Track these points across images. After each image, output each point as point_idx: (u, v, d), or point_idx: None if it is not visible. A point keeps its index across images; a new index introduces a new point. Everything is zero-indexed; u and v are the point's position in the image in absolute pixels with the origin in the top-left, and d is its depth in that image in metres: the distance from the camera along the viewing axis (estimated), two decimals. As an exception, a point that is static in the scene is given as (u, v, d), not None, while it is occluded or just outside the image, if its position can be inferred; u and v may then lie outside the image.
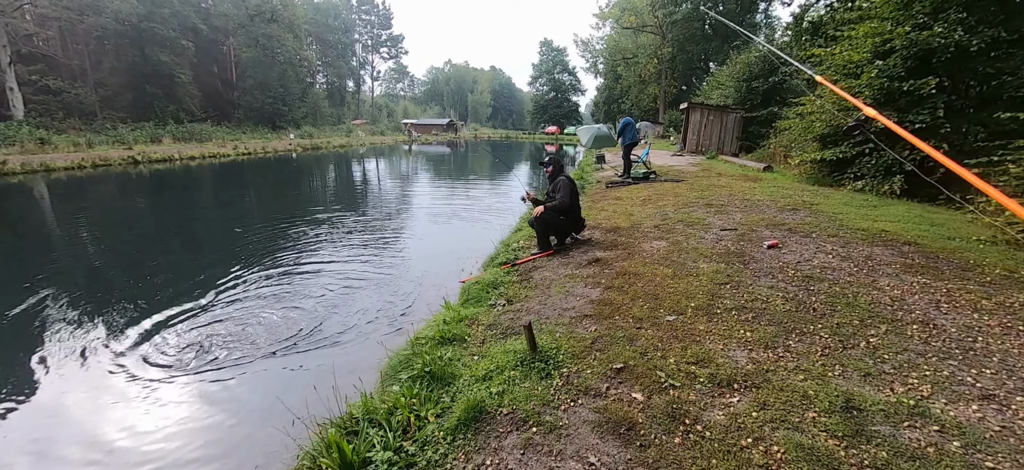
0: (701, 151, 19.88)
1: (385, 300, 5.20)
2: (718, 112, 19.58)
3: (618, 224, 6.22)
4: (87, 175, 16.23)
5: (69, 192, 13.28)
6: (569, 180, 5.30)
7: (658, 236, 5.45)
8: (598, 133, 14.71)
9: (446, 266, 6.33)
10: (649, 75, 43.37)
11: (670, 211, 6.82)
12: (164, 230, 8.98)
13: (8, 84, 26.85)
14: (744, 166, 14.10)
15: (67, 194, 13.00)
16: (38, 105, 28.98)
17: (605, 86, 56.91)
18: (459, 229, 8.90)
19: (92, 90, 33.35)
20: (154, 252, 7.23)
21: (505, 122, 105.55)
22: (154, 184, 15.14)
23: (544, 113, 70.61)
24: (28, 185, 13.88)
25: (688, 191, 8.71)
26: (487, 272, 5.22)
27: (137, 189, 14.21)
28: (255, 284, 5.58)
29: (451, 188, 15.43)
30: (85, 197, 12.74)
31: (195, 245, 7.91)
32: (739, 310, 3.27)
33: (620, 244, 5.26)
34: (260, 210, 11.15)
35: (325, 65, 62.70)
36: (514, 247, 6.03)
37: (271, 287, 5.50)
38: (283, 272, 6.06)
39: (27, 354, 3.96)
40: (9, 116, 26.31)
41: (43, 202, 11.78)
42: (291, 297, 5.19)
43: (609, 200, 8.29)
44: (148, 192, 13.70)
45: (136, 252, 7.23)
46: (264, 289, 5.43)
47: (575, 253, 5.19)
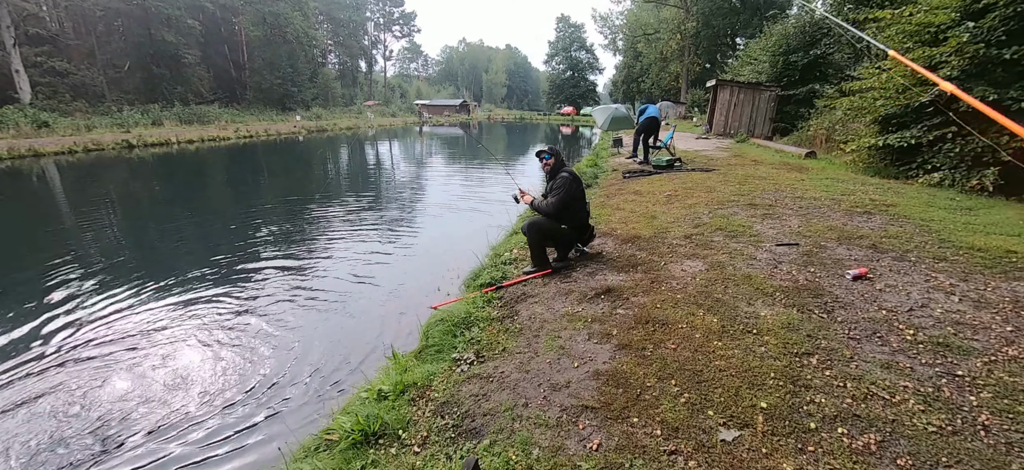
0: (729, 133, 18.11)
1: (341, 337, 4.03)
2: (750, 90, 17.71)
3: (638, 231, 4.90)
4: (78, 160, 15.53)
5: (40, 181, 12.51)
6: (572, 176, 4.03)
7: (691, 252, 4.13)
8: (615, 114, 13.19)
9: (428, 276, 5.16)
10: (671, 52, 40.88)
11: (704, 213, 5.45)
12: (86, 229, 8.00)
13: (14, 66, 26.43)
14: (782, 152, 12.44)
15: (39, 183, 12.24)
16: (45, 87, 28.56)
17: (624, 64, 54.35)
18: (452, 225, 7.70)
19: (100, 71, 32.87)
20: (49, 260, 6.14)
21: (520, 103, 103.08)
22: (136, 171, 14.31)
23: (560, 93, 68.23)
24: (10, 171, 13.20)
25: (722, 184, 7.28)
26: (464, 297, 4.01)
27: (115, 177, 13.38)
28: (152, 316, 4.48)
29: (451, 175, 14.18)
30: (49, 187, 11.94)
31: (110, 249, 6.89)
32: (845, 421, 1.95)
33: (640, 264, 3.96)
34: (229, 203, 10.12)
35: (337, 45, 61.47)
36: (505, 259, 4.78)
37: (196, 317, 4.40)
38: (224, 294, 4.96)
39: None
40: (16, 98, 25.99)
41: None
42: (230, 338, 4.04)
43: (626, 195, 6.94)
44: (122, 180, 12.84)
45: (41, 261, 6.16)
46: (191, 321, 4.32)
47: (580, 274, 3.92)
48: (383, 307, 4.52)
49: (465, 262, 5.27)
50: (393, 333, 4.00)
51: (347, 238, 6.88)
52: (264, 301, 4.64)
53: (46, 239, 6.86)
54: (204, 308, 4.48)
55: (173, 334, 3.99)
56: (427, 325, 3.45)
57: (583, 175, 9.06)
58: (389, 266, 5.65)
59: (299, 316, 4.34)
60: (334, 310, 4.46)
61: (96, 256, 6.10)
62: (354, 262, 5.75)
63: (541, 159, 4.17)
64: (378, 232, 7.24)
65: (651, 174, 8.78)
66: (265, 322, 4.20)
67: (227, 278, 5.25)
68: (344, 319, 4.31)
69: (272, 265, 5.64)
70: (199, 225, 7.91)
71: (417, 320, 3.78)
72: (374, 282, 5.11)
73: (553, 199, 3.94)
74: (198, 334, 3.98)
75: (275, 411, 2.98)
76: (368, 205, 9.45)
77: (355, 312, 4.44)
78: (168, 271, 5.43)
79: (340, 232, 7.22)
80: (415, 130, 39.19)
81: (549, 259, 4.21)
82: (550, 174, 4.17)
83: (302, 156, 19.32)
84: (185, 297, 4.74)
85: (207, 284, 5.06)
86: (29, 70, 27.46)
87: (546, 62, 74.04)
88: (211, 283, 5.09)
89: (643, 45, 45.74)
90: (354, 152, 21.60)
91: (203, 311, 4.41)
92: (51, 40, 31.33)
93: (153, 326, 4.12)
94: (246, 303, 4.59)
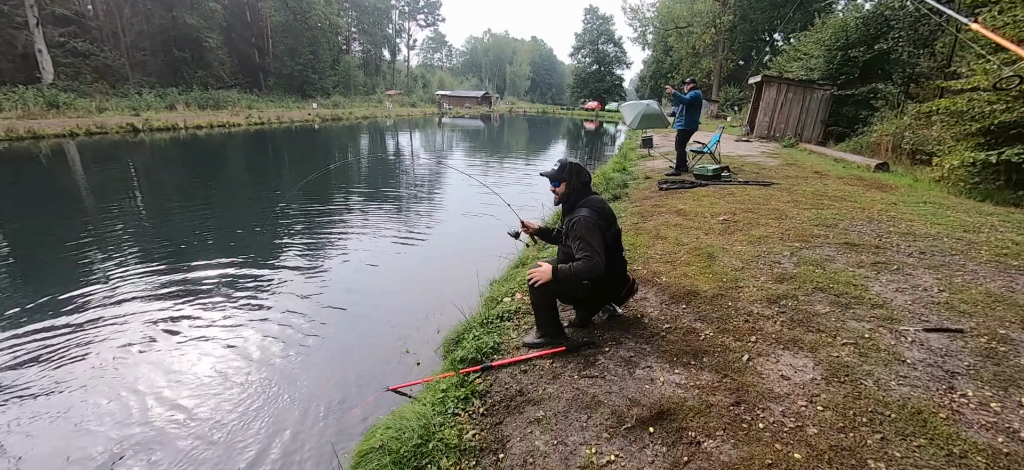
0: (774, 136, 16.24)
1: (261, 423, 2.76)
2: (800, 88, 15.78)
3: (693, 280, 3.46)
4: (77, 144, 14.86)
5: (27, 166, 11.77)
6: (596, 212, 2.56)
7: (787, 334, 2.68)
8: (646, 111, 11.56)
9: (407, 314, 3.85)
10: (704, 47, 38.53)
11: (782, 252, 3.96)
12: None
13: (37, 45, 26.34)
14: (844, 161, 10.66)
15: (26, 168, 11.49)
16: (68, 68, 28.46)
17: (653, 59, 51.91)
18: (450, 238, 6.36)
19: (124, 53, 32.79)
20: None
21: (544, 96, 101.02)
22: (126, 156, 13.50)
23: (585, 87, 65.97)
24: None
25: (790, 205, 5.72)
26: (434, 379, 2.69)
27: (99, 163, 12.56)
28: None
29: (463, 172, 12.84)
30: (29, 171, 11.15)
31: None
32: None
33: (707, 350, 2.55)
34: (202, 201, 9.02)
35: (361, 32, 60.85)
36: (503, 309, 3.41)
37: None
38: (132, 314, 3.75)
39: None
40: (38, 78, 25.93)
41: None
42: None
43: (666, 215, 5.47)
44: (100, 168, 11.99)
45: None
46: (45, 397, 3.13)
47: (610, 361, 2.54)
48: (332, 372, 3.22)
49: (459, 291, 3.96)
50: (333, 426, 2.70)
51: (322, 252, 5.63)
52: (205, 361, 3.41)
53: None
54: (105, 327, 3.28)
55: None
56: (360, 453, 2.13)
57: (609, 185, 7.59)
58: (360, 299, 4.36)
59: (214, 372, 3.09)
60: (270, 364, 3.20)
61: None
62: (320, 291, 4.49)
63: (550, 180, 2.75)
64: (359, 246, 5.97)
65: (693, 185, 7.25)
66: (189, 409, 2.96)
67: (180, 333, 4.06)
68: (279, 388, 3.03)
69: (235, 308, 4.43)
70: (138, 223, 6.82)
71: (363, 413, 2.47)
72: (347, 332, 3.82)
73: (579, 263, 2.46)
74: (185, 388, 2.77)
75: None
76: (358, 207, 8.21)
77: (298, 375, 3.16)
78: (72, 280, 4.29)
79: (314, 241, 5.98)
80: (434, 121, 38.06)
81: (563, 327, 2.83)
82: (564, 206, 2.76)
83: (307, 146, 18.33)
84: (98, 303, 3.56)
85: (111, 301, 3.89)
86: (53, 50, 27.36)
87: (572, 55, 71.75)
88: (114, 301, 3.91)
89: (674, 39, 43.36)
90: (364, 143, 20.51)
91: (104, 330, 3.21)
92: (76, 21, 31.28)
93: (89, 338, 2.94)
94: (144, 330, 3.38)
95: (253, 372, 3.23)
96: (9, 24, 26.68)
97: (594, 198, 2.66)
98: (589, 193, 2.69)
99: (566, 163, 2.67)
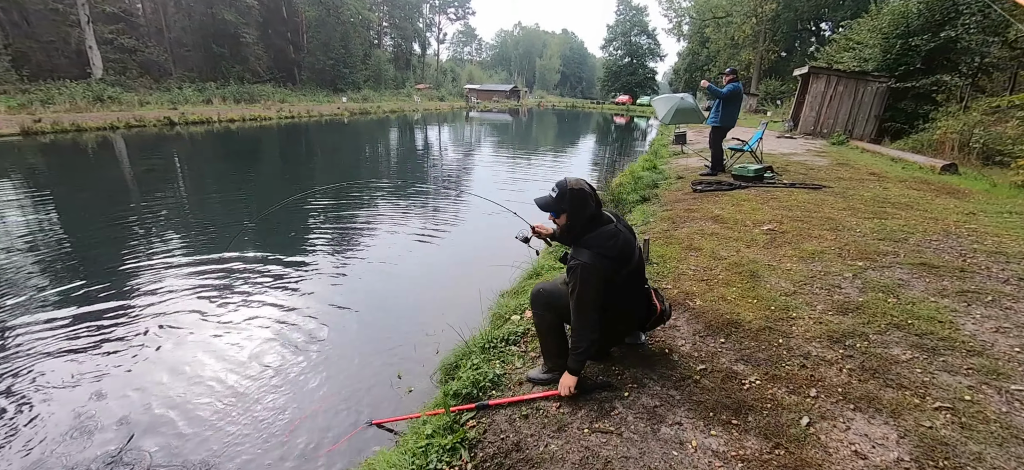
0: (821, 132, 15.06)
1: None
2: (852, 80, 14.51)
3: (733, 305, 2.94)
4: (118, 136, 15.40)
5: (61, 157, 12.21)
6: (602, 256, 1.99)
7: (856, 388, 2.13)
8: (680, 105, 10.74)
9: (400, 345, 3.49)
10: (744, 37, 36.61)
11: (842, 274, 3.35)
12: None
13: (87, 42, 27.70)
14: (902, 160, 9.63)
15: (58, 158, 11.92)
16: (116, 63, 29.85)
17: (688, 51, 49.93)
18: (459, 249, 5.95)
19: (167, 49, 34.15)
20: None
21: (574, 90, 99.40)
22: (159, 149, 13.84)
23: (616, 80, 64.26)
24: (41, 146, 13.10)
25: (847, 213, 5.02)
26: (422, 418, 2.31)
27: (134, 154, 12.89)
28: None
29: (486, 169, 12.47)
30: (62, 162, 11.52)
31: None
32: None
33: (752, 404, 2.05)
34: (206, 196, 8.98)
35: (392, 26, 61.42)
36: (511, 330, 2.99)
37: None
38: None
39: None
40: (89, 74, 27.29)
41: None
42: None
43: (701, 221, 4.89)
44: (124, 162, 12.28)
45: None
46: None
47: (629, 412, 2.09)
48: (316, 398, 2.89)
49: (463, 305, 3.58)
50: (311, 463, 2.36)
51: (322, 253, 5.36)
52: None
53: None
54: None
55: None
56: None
57: (638, 185, 7.00)
58: (357, 309, 4.03)
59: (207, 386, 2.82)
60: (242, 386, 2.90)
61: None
62: (314, 298, 4.20)
63: (548, 211, 2.18)
64: (359, 249, 5.68)
65: (731, 187, 6.58)
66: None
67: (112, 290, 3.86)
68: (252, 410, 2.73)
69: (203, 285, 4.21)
70: (149, 214, 6.76)
71: (345, 448, 2.11)
72: (319, 347, 3.50)
73: (573, 341, 2.07)
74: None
75: None
76: (363, 207, 7.96)
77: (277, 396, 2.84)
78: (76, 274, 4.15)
79: (316, 242, 5.73)
80: (462, 114, 37.90)
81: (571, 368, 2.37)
82: (569, 235, 2.15)
83: (333, 139, 18.41)
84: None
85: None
86: (102, 47, 28.72)
87: (603, 47, 70.02)
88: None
89: (711, 30, 41.47)
90: (389, 137, 20.46)
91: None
92: (124, 18, 32.76)
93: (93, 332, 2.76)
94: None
95: (232, 392, 2.93)
96: (64, 22, 28.21)
97: (606, 231, 2.05)
98: (598, 225, 2.08)
99: (566, 189, 2.03)
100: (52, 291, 4.21)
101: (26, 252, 5.19)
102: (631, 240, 2.12)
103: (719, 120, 7.46)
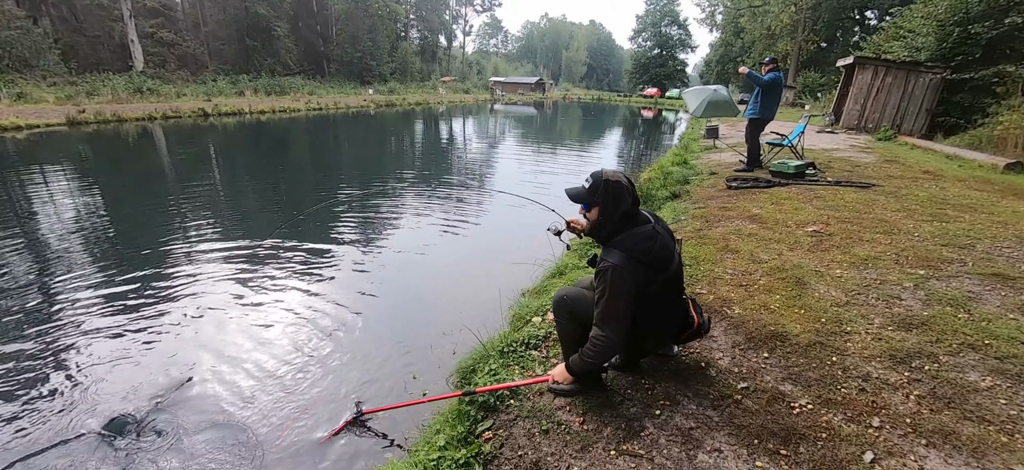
0: (865, 127, 14.18)
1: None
2: (902, 71, 13.56)
3: (775, 316, 2.67)
4: (155, 126, 15.97)
5: (100, 146, 12.69)
6: (636, 260, 1.76)
7: (927, 420, 1.86)
8: (713, 97, 10.24)
9: (416, 343, 3.37)
10: (782, 27, 35.02)
11: (900, 282, 3.02)
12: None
13: (130, 36, 28.86)
14: (958, 157, 8.91)
15: (97, 148, 12.39)
16: (155, 57, 31.02)
17: (721, 42, 48.15)
18: (482, 246, 5.76)
19: (203, 42, 35.27)
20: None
21: (600, 82, 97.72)
22: (194, 139, 14.24)
23: (644, 73, 62.64)
24: (89, 135, 13.70)
25: (901, 214, 4.60)
26: (433, 430, 2.18)
27: (172, 144, 13.30)
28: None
29: (510, 163, 12.28)
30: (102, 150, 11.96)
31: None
32: None
33: (803, 431, 1.82)
34: (202, 192, 9.08)
35: (418, 19, 61.66)
36: (532, 333, 2.82)
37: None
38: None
39: None
40: (130, 67, 28.48)
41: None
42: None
43: (738, 220, 4.58)
44: (171, 149, 12.65)
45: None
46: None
47: (660, 433, 1.88)
48: (321, 397, 2.79)
49: (482, 305, 3.45)
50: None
51: (344, 243, 5.31)
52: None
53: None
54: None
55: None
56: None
57: (667, 180, 6.68)
58: (375, 313, 3.94)
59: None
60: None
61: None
62: (335, 289, 4.13)
63: (578, 203, 1.96)
64: (391, 241, 5.60)
65: (769, 185, 6.18)
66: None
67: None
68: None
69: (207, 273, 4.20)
70: (154, 208, 6.87)
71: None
72: (333, 343, 3.41)
73: (588, 347, 1.85)
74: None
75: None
76: (396, 197, 7.91)
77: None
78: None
79: (347, 237, 5.68)
80: (486, 107, 37.76)
81: (599, 372, 2.18)
82: (597, 237, 1.96)
83: (360, 131, 18.57)
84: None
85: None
86: (143, 40, 29.88)
87: (632, 39, 68.34)
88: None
89: (747, 19, 39.81)
90: (414, 129, 20.51)
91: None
92: (164, 12, 33.98)
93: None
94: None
95: (246, 374, 2.87)
96: (108, 17, 29.48)
97: (640, 232, 1.81)
98: (633, 225, 1.84)
99: (600, 180, 1.82)
100: (98, 269, 4.30)
101: (75, 233, 5.46)
102: (669, 244, 1.89)
103: (758, 112, 7.00)
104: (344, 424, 2.49)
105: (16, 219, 5.98)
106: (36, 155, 10.56)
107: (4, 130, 12.99)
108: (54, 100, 17.41)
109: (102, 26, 29.68)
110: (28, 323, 3.49)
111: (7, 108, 15.28)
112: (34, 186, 7.67)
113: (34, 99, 17.16)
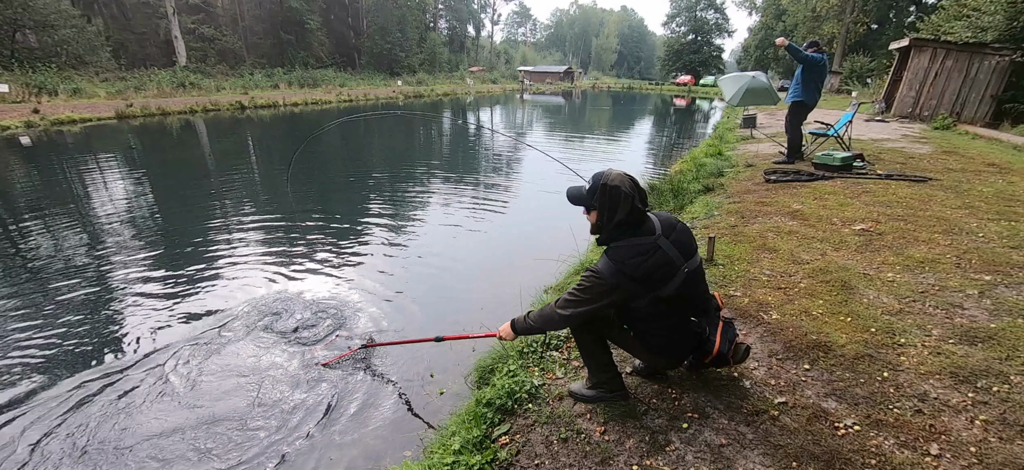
0: (920, 115, 13.18)
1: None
2: (964, 54, 12.50)
3: (818, 323, 2.46)
4: (196, 119, 16.67)
5: (147, 137, 13.31)
6: (622, 273, 1.66)
7: (996, 451, 1.65)
8: (751, 84, 9.70)
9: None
10: (828, 8, 32.97)
11: (962, 288, 2.74)
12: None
13: (173, 32, 30.17)
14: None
15: (144, 139, 13.01)
16: (197, 51, 32.34)
17: (761, 26, 45.98)
18: (504, 241, 5.66)
19: (241, 37, 36.49)
20: None
21: (631, 70, 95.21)
22: (231, 131, 14.75)
23: (677, 60, 60.47)
24: (137, 128, 14.46)
25: (963, 212, 4.21)
26: (446, 433, 2.12)
27: (212, 135, 13.81)
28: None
29: (536, 154, 12.11)
30: (153, 142, 12.53)
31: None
32: None
33: (850, 455, 1.65)
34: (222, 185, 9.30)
35: (446, 9, 61.70)
36: (547, 339, 2.72)
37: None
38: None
39: None
40: (174, 62, 29.82)
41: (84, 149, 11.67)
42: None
43: (775, 215, 4.31)
44: (211, 140, 13.11)
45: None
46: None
47: (690, 443, 1.77)
48: (336, 393, 2.79)
49: (504, 306, 3.39)
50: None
51: (374, 242, 5.35)
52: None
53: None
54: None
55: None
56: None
57: (700, 173, 6.38)
58: (395, 306, 3.93)
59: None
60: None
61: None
62: (359, 288, 4.16)
63: (580, 204, 1.85)
64: (413, 234, 5.61)
65: (812, 178, 5.80)
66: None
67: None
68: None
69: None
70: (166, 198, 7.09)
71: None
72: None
73: (536, 312, 1.96)
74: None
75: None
76: (421, 188, 7.92)
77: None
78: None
79: (371, 229, 5.73)
80: (515, 97, 37.49)
81: (620, 376, 2.06)
82: (598, 237, 1.83)
83: (388, 122, 18.76)
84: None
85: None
86: (185, 36, 31.20)
87: (665, 24, 65.99)
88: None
89: (789, 1, 37.70)
90: (442, 120, 20.57)
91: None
92: (205, 8, 35.31)
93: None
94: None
95: (253, 375, 2.91)
96: (154, 14, 30.94)
97: (637, 244, 1.68)
98: (630, 233, 1.71)
99: (597, 183, 1.72)
100: (146, 251, 4.51)
101: (126, 222, 5.83)
102: (673, 260, 1.69)
103: (801, 94, 6.51)
104: (350, 352, 2.93)
105: (74, 200, 6.59)
106: (91, 146, 11.21)
107: (61, 124, 13.87)
108: (105, 95, 18.46)
109: (148, 23, 31.18)
110: (102, 293, 3.93)
111: (64, 103, 16.31)
112: (90, 174, 8.25)
113: (88, 94, 18.25)
